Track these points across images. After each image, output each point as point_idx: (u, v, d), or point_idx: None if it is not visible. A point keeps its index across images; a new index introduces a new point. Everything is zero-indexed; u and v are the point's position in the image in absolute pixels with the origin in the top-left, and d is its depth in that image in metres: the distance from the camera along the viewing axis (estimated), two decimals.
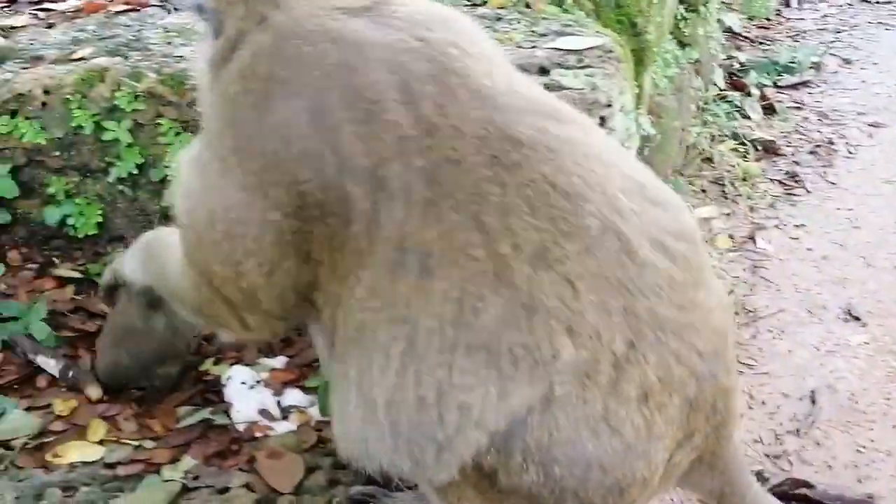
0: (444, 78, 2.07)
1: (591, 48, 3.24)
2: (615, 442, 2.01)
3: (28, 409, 2.86)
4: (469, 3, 3.79)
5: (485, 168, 2.01)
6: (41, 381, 2.97)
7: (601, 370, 1.99)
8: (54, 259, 3.43)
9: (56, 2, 4.30)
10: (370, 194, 2.02)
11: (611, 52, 3.26)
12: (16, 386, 2.96)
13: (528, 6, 3.68)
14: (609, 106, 3.01)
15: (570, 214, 2.01)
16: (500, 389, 1.99)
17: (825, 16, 7.82)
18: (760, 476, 3.14)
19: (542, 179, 2.02)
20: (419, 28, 2.14)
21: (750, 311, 4.15)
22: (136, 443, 2.72)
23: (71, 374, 2.96)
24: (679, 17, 5.26)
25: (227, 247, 2.17)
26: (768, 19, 7.69)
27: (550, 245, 1.99)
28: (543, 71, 3.15)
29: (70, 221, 3.36)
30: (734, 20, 7.21)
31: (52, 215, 3.36)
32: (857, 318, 4.10)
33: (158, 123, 3.24)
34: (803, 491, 3.07)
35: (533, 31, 3.41)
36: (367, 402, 2.11)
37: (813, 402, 3.61)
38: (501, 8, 3.68)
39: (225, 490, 2.57)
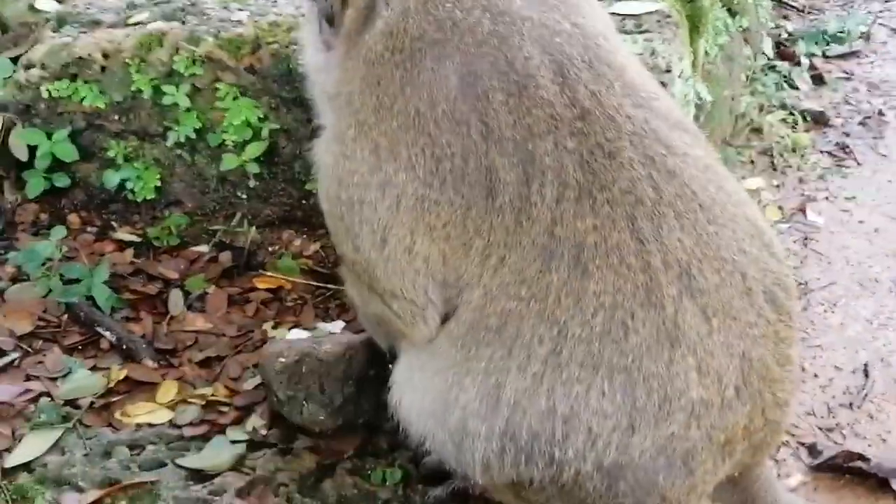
0: (599, 67, 2.08)
1: (649, 13, 3.21)
2: (685, 477, 2.08)
3: (92, 369, 2.92)
4: None
5: (640, 167, 2.03)
6: (104, 343, 3.03)
7: (710, 413, 2.04)
8: (113, 223, 3.48)
9: None
10: (517, 167, 2.01)
11: (669, 16, 3.24)
12: (80, 347, 3.02)
13: None
14: (668, 71, 3.00)
15: (711, 241, 2.04)
16: (629, 423, 2.00)
17: None
18: (814, 449, 3.15)
19: (692, 197, 2.04)
20: (573, 11, 2.15)
21: (801, 284, 4.12)
22: (202, 402, 2.77)
23: (125, 346, 3.01)
24: None
25: (348, 218, 2.15)
26: None
27: (695, 270, 2.01)
28: None
29: (129, 185, 3.41)
30: None
31: (111, 179, 3.40)
32: None
33: (216, 88, 3.26)
34: (858, 464, 3.06)
35: None
36: (489, 395, 2.06)
37: (866, 375, 3.59)
38: None
39: (288, 451, 2.61)
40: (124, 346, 3.00)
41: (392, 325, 2.27)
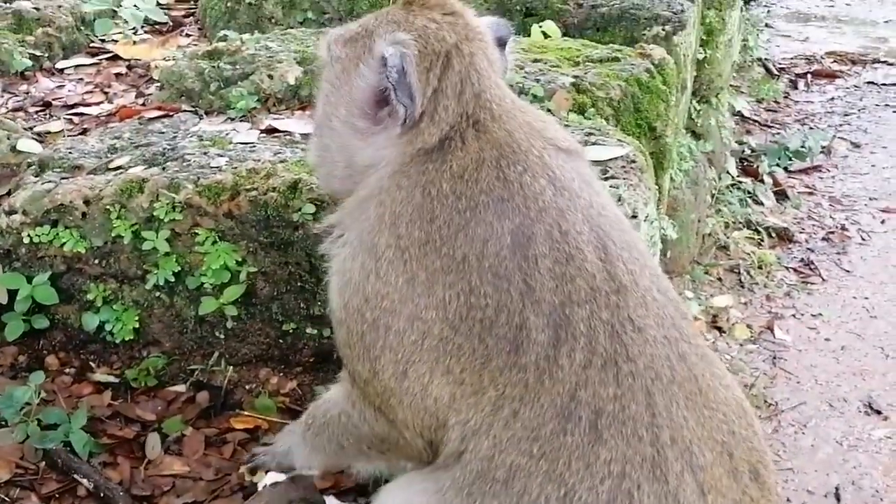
0: (633, 251, 2.27)
1: (614, 159, 3.33)
2: None
3: None
4: None
5: (661, 346, 2.17)
6: (81, 490, 3.03)
7: None
8: (91, 363, 3.51)
9: (89, 105, 4.46)
10: (550, 329, 2.11)
11: (633, 161, 3.36)
12: (57, 495, 3.02)
13: (549, 112, 3.79)
14: (634, 217, 3.10)
15: (707, 422, 2.15)
16: None
17: (832, 98, 7.95)
18: None
19: (695, 380, 2.18)
20: (607, 200, 2.38)
21: (771, 405, 4.19)
22: None
23: (103, 493, 3.02)
24: (692, 110, 5.39)
25: (369, 338, 2.22)
26: (776, 102, 7.83)
27: (696, 448, 2.11)
28: None
29: (107, 327, 3.45)
30: (743, 104, 7.35)
31: (90, 321, 3.45)
32: (879, 412, 4.14)
33: (195, 233, 3.34)
34: None
35: None
36: None
37: (838, 499, 3.64)
38: None
39: None
40: (102, 494, 3.00)
41: (398, 448, 2.34)
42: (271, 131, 3.74)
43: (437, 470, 2.23)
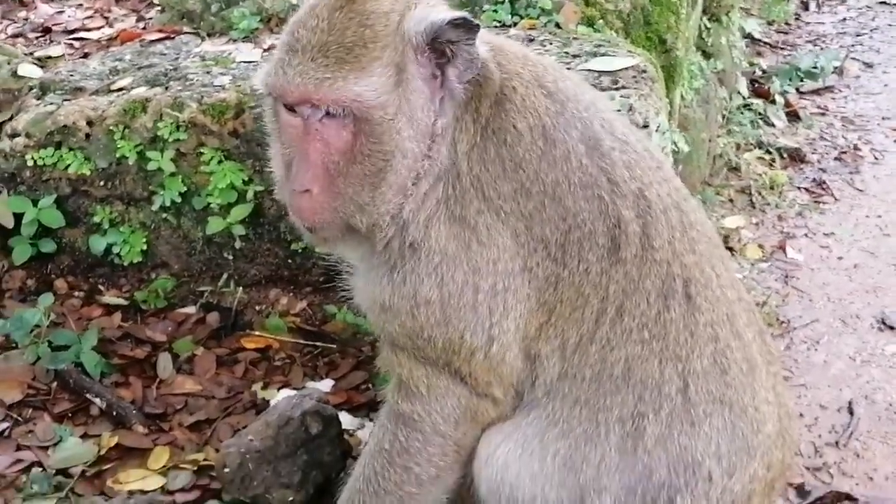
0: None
1: (624, 69, 3.27)
2: None
3: (83, 436, 2.93)
4: (499, 25, 3.83)
5: (699, 209, 2.30)
6: (94, 410, 3.04)
7: (771, 450, 2.21)
8: (100, 287, 3.50)
9: (90, 31, 4.39)
10: (640, 217, 2.14)
11: (644, 71, 3.29)
12: (70, 414, 3.03)
13: (558, 26, 3.71)
14: (646, 126, 3.05)
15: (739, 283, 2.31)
16: (730, 465, 2.13)
17: (844, 19, 7.80)
18: (802, 490, 3.17)
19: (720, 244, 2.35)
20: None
21: (783, 322, 4.17)
22: (194, 467, 2.78)
23: (115, 412, 3.03)
24: (702, 28, 5.28)
25: (486, 307, 2.12)
26: (787, 24, 7.69)
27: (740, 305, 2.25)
28: None
29: (115, 250, 3.43)
30: (754, 26, 7.21)
31: (97, 244, 3.43)
32: (892, 328, 4.11)
33: (201, 152, 3.30)
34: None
35: (566, 53, 3.45)
36: (626, 445, 2.11)
37: (851, 413, 3.62)
38: (532, 29, 3.72)
39: None
40: (114, 412, 3.01)
41: (478, 415, 2.22)
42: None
43: (530, 408, 2.20)
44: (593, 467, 2.12)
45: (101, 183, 3.40)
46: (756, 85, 6.32)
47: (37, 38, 4.36)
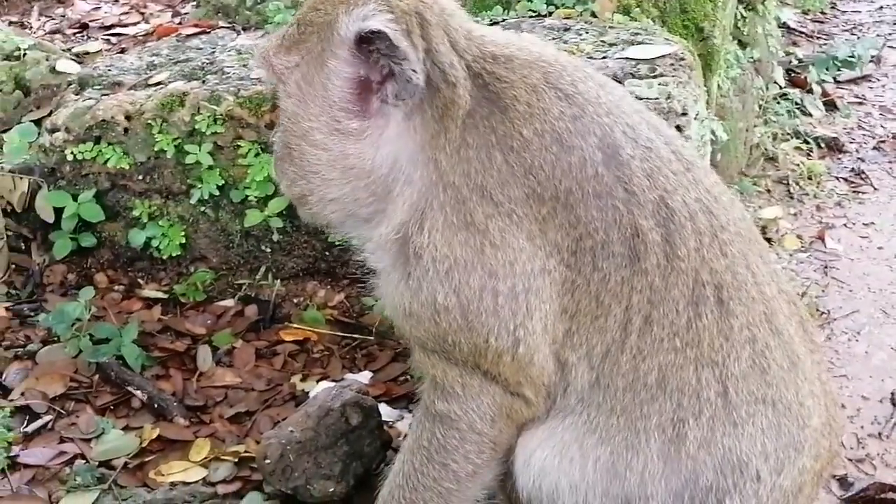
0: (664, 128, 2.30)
1: (662, 56, 3.24)
2: None
3: (125, 428, 2.95)
4: (534, 14, 3.82)
5: (730, 207, 2.22)
6: (135, 402, 3.06)
7: (819, 441, 2.19)
8: (140, 280, 3.53)
9: (127, 26, 4.43)
10: (661, 226, 2.09)
11: (682, 59, 3.26)
12: (112, 407, 3.06)
13: (594, 15, 3.69)
14: (685, 114, 3.02)
15: (778, 276, 2.27)
16: (777, 462, 2.12)
17: (881, 7, 7.69)
18: (845, 481, 3.13)
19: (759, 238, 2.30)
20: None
21: (824, 313, 4.12)
22: (235, 458, 2.80)
23: (156, 404, 3.05)
24: (738, 17, 5.23)
25: (508, 309, 2.09)
26: (823, 13, 7.60)
27: (778, 301, 2.21)
28: (617, 81, 3.16)
29: (154, 243, 3.45)
30: (789, 15, 7.13)
31: (136, 237, 3.45)
32: None
33: (238, 145, 3.31)
34: (890, 496, 3.05)
35: (602, 41, 3.43)
36: (668, 452, 2.10)
37: (893, 404, 3.57)
38: (568, 18, 3.70)
39: None
40: (155, 405, 3.03)
41: (512, 413, 2.21)
42: None
43: (564, 414, 2.18)
44: (637, 474, 2.10)
45: (140, 177, 3.42)
46: (792, 74, 6.26)
47: (74, 34, 4.41)
